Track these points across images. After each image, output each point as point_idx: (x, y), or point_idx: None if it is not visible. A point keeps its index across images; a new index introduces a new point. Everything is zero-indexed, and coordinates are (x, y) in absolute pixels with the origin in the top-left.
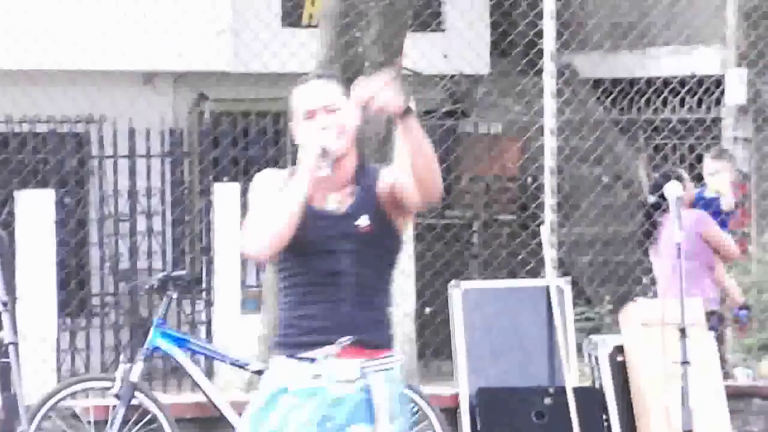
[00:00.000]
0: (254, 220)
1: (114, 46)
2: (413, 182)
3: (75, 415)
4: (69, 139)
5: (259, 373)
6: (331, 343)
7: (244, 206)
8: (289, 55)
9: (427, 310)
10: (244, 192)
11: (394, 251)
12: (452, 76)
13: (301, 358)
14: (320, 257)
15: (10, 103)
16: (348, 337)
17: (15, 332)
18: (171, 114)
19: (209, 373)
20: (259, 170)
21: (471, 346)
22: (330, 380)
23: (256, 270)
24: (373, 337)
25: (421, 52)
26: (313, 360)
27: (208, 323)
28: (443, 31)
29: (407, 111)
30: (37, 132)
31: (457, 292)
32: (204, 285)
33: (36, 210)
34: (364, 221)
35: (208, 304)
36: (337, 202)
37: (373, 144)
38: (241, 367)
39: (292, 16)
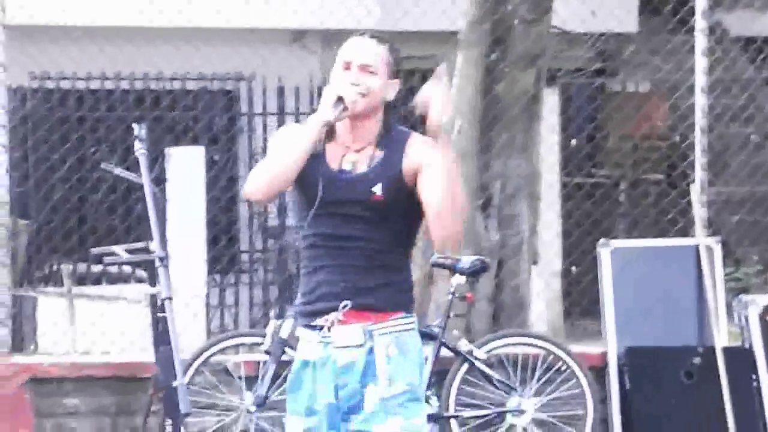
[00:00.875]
0: (260, 163)
1: (264, 4)
2: (432, 210)
3: (226, 371)
4: (219, 96)
5: None
6: (336, 310)
7: None
8: (439, 12)
9: (574, 269)
10: None
11: (410, 217)
12: (601, 35)
13: (314, 327)
14: (330, 220)
15: (163, 60)
16: (346, 302)
17: (170, 287)
18: (319, 72)
19: None
20: (413, 128)
21: (619, 306)
22: (337, 347)
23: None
24: (379, 300)
25: (571, 9)
26: (321, 328)
27: None
28: None
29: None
30: (189, 89)
31: (605, 250)
32: None
33: (187, 167)
34: (377, 189)
35: None
36: (352, 163)
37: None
38: None
39: None
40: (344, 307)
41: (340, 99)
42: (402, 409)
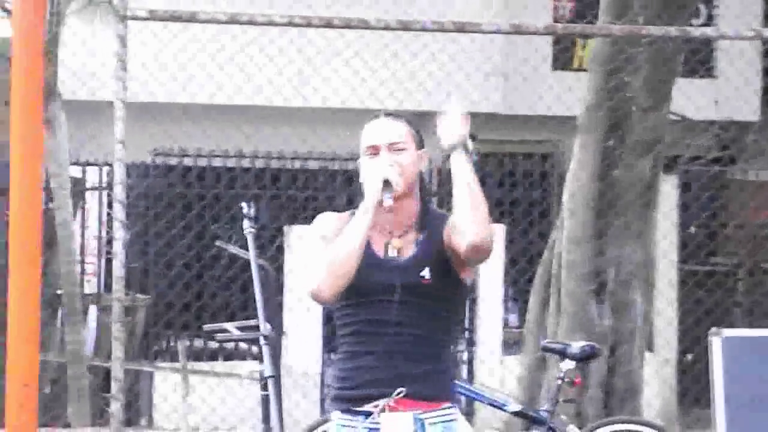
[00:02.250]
0: (315, 259)
1: (383, 88)
2: (458, 227)
3: None
4: (338, 176)
5: (517, 414)
6: (385, 396)
7: (507, 248)
8: (555, 98)
9: (688, 356)
10: (509, 233)
11: (456, 302)
12: (721, 123)
13: (356, 413)
14: (376, 307)
15: (281, 140)
16: (401, 389)
17: (275, 365)
18: (439, 154)
19: (469, 413)
20: (524, 212)
21: (730, 395)
22: None
23: (518, 311)
24: (428, 388)
25: (690, 97)
26: (368, 414)
27: (470, 363)
28: (714, 77)
29: (462, 148)
30: (308, 168)
31: (717, 339)
32: (467, 324)
33: (304, 245)
34: (425, 273)
35: (470, 343)
36: (397, 249)
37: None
38: (498, 407)
39: (562, 59)
40: (398, 393)
41: (386, 182)
42: None
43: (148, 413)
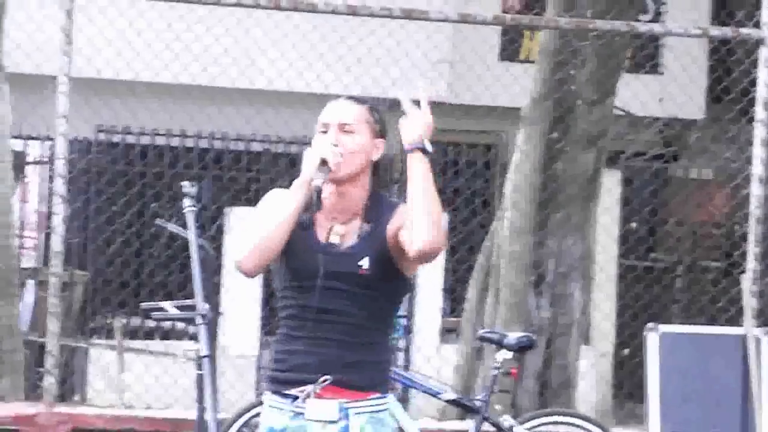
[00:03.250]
0: (246, 231)
1: (330, 72)
2: (408, 228)
3: None
4: (282, 159)
5: (452, 402)
6: (313, 382)
7: (447, 237)
8: (502, 88)
9: (624, 351)
10: (451, 222)
11: (394, 294)
12: (665, 120)
13: (285, 395)
14: (314, 293)
15: (225, 121)
16: (326, 377)
17: (210, 346)
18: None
19: (403, 400)
20: (465, 201)
21: (664, 391)
22: (309, 420)
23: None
24: (357, 378)
25: (634, 92)
26: (296, 398)
27: (407, 350)
28: (659, 74)
29: (421, 149)
30: (251, 150)
31: (653, 335)
32: (404, 312)
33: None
34: (363, 263)
35: (408, 330)
36: (339, 236)
37: None
38: (433, 395)
39: (510, 50)
40: (324, 381)
41: (323, 162)
42: None
43: (81, 390)
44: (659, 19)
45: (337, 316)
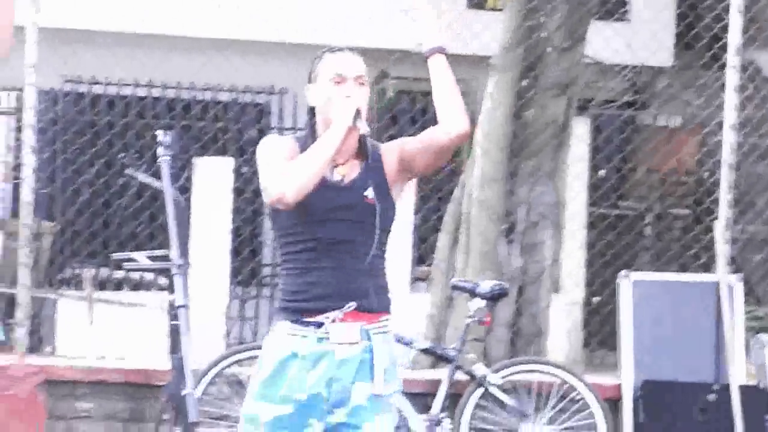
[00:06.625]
0: (277, 168)
1: (297, 20)
2: (446, 116)
3: (240, 382)
4: (250, 109)
5: (425, 351)
6: (336, 309)
7: (418, 185)
8: (471, 36)
9: (595, 299)
10: None
11: (391, 221)
12: (635, 67)
13: (307, 323)
14: (326, 226)
15: (194, 70)
16: (352, 303)
17: (186, 296)
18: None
19: None
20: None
21: (637, 338)
22: (336, 343)
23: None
24: (374, 302)
25: (605, 40)
26: (319, 325)
27: None
28: (628, 21)
29: (441, 51)
30: (219, 100)
31: (626, 282)
32: None
33: (214, 177)
34: (368, 193)
35: None
36: (342, 175)
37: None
38: (406, 344)
39: None
40: (349, 307)
41: (359, 111)
42: (391, 407)
43: (52, 341)
44: None
45: (351, 245)
